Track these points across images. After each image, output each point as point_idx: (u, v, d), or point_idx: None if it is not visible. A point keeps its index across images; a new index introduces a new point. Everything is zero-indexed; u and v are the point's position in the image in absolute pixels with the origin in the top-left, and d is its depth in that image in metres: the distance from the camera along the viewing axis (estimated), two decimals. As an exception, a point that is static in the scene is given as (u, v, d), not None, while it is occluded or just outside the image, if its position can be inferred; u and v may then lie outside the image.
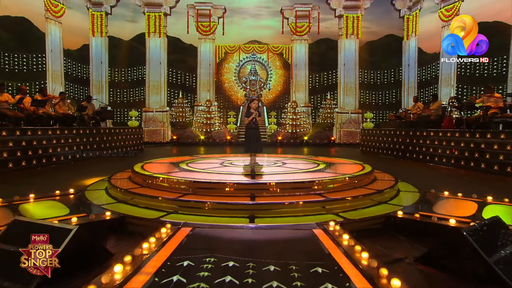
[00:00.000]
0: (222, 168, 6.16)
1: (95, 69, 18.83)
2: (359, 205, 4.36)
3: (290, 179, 4.87)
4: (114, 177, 5.86)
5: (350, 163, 7.05)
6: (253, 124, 6.21)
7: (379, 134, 13.25)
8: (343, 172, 5.67)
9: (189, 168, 5.94)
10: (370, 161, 10.03)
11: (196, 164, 6.73)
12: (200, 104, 20.00)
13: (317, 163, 6.73)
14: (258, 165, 6.38)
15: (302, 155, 10.81)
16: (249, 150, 6.31)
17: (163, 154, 13.18)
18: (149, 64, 19.24)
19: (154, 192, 4.60)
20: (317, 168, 6.11)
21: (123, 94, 19.89)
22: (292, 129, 19.47)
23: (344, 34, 19.43)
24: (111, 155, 11.66)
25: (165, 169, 6.11)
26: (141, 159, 10.00)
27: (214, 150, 14.72)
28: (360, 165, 6.35)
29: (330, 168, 6.19)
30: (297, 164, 6.79)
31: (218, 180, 4.72)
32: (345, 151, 15.39)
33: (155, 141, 18.78)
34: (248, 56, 20.95)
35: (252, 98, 6.43)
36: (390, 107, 19.52)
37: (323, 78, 20.74)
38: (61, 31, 16.25)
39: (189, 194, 4.48)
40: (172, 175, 5.18)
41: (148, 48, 19.19)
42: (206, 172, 5.61)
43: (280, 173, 5.58)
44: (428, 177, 7.75)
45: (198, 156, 8.22)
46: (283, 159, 7.61)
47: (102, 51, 18.95)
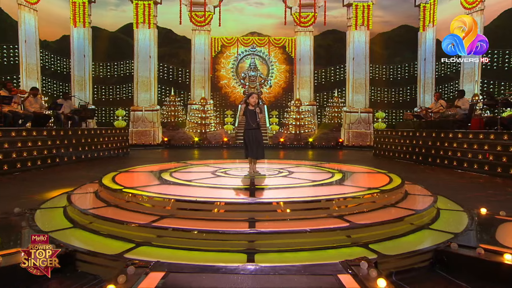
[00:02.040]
0: (214, 179, 5.26)
1: (77, 63, 18.29)
2: (394, 232, 3.46)
3: (300, 197, 3.96)
4: (78, 190, 4.96)
5: (371, 171, 6.15)
6: (252, 123, 5.46)
7: (395, 136, 12.52)
8: (366, 184, 4.77)
9: (173, 180, 5.03)
10: (386, 166, 9.45)
11: (183, 173, 5.84)
12: (194, 102, 19.67)
13: (330, 173, 5.84)
14: (258, 175, 5.52)
15: (310, 161, 10.03)
16: (249, 155, 5.53)
17: (151, 158, 12.57)
18: (137, 58, 18.70)
19: (122, 215, 3.70)
20: (332, 179, 5.21)
21: (109, 91, 19.50)
22: (295, 130, 19.10)
23: (353, 25, 18.81)
24: (91, 160, 10.89)
25: (143, 181, 5.20)
26: (124, 164, 9.34)
27: (209, 154, 14.41)
28: (384, 175, 5.45)
29: (348, 179, 5.29)
30: (306, 174, 5.91)
31: (205, 199, 3.81)
32: (355, 155, 14.76)
33: (144, 143, 18.28)
34: (247, 50, 20.65)
35: (250, 92, 5.56)
36: (404, 106, 19.06)
37: (330, 74, 20.43)
38: (36, 20, 15.58)
39: (167, 218, 3.58)
40: (148, 190, 4.27)
41: (136, 40, 18.63)
42: (193, 185, 4.71)
43: (286, 187, 4.68)
44: (462, 188, 6.86)
45: (187, 163, 7.33)
46: (288, 166, 6.72)
47: (85, 43, 18.37)
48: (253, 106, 5.48)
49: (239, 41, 20.28)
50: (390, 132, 13.09)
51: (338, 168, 6.40)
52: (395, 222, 3.56)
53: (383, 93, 19.82)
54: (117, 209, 3.97)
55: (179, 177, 5.26)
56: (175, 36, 19.89)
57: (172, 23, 19.36)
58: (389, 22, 19.19)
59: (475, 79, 14.26)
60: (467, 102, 10.73)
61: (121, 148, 13.33)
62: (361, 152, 15.94)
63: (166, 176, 5.34)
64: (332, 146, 18.43)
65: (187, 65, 19.97)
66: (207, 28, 19.59)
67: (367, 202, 3.96)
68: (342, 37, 19.65)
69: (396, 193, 4.38)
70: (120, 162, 10.94)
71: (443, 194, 5.20)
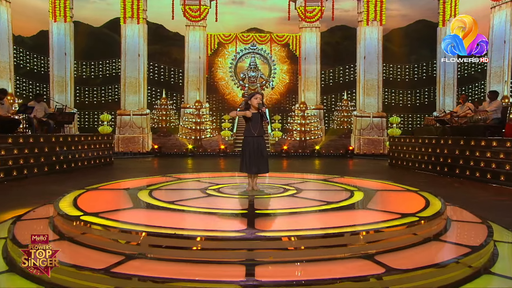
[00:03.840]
0: (205, 199, 4.54)
1: (57, 62, 17.75)
2: (446, 280, 2.70)
3: (315, 229, 3.21)
4: (31, 215, 4.21)
5: (398, 189, 5.41)
6: (255, 130, 4.86)
7: (415, 144, 11.93)
8: (397, 208, 4.01)
9: (152, 202, 4.29)
10: (407, 179, 9.04)
11: (166, 192, 5.14)
12: (187, 105, 19.29)
13: (347, 190, 5.11)
14: (259, 193, 4.81)
15: (319, 173, 9.42)
16: (248, 170, 4.86)
17: (137, 169, 12.03)
18: (125, 56, 18.23)
19: (75, 253, 2.94)
20: (352, 200, 4.48)
21: (93, 93, 19.17)
22: (300, 136, 18.69)
23: (364, 20, 18.35)
24: (67, 171, 10.20)
25: (113, 203, 4.45)
26: (104, 177, 8.79)
27: (203, 164, 13.92)
28: (416, 194, 4.73)
29: (372, 200, 4.54)
30: (317, 192, 5.22)
31: (188, 232, 3.05)
32: (368, 165, 14.14)
33: (131, 151, 17.77)
34: (247, 48, 20.39)
35: (253, 92, 4.94)
36: (421, 110, 18.77)
37: (339, 74, 20.19)
38: (9, 13, 15.04)
39: (135, 259, 2.83)
40: (116, 217, 3.53)
41: (123, 37, 18.16)
42: (175, 209, 3.97)
43: (295, 211, 3.94)
44: (506, 208, 6.10)
45: (173, 177, 6.62)
46: (294, 181, 6.02)
47: (66, 40, 17.84)
48: (256, 109, 4.86)
49: (238, 38, 19.95)
50: (408, 139, 12.50)
51: (356, 184, 5.67)
52: (448, 266, 2.78)
53: (397, 96, 19.55)
54: (72, 244, 3.21)
55: (160, 197, 4.54)
56: (167, 32, 19.72)
57: (163, 18, 19.10)
58: (405, 17, 18.98)
59: (505, 79, 13.61)
60: (499, 105, 10.01)
61: (105, 158, 12.73)
62: (374, 162, 15.37)
63: (144, 196, 4.60)
64: (341, 154, 18.03)
65: (180, 65, 19.67)
66: (203, 24, 19.26)
67: (404, 236, 3.20)
68: (352, 33, 19.29)
69: (438, 221, 3.61)
70: (100, 173, 10.29)
71: (486, 217, 4.42)
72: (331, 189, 5.44)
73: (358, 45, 18.72)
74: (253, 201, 4.33)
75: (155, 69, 19.54)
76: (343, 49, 19.89)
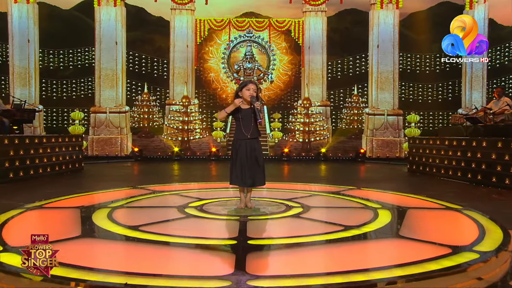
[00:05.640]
0: (181, 223, 3.94)
1: (18, 51, 17.43)
2: None
3: (330, 275, 2.48)
4: None
5: (434, 206, 4.82)
6: (247, 132, 4.41)
7: (440, 146, 11.37)
8: (441, 237, 3.33)
9: (107, 227, 3.58)
10: (431, 189, 8.78)
11: (132, 211, 4.55)
12: (173, 102, 18.98)
13: (369, 207, 4.51)
14: (254, 213, 4.27)
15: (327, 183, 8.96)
16: (240, 182, 4.42)
17: (111, 177, 11.43)
18: (99, 44, 17.87)
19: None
20: (377, 223, 3.83)
21: (62, 87, 18.90)
22: (303, 137, 18.41)
23: (378, 2, 18.06)
24: (24, 179, 9.53)
25: (52, 229, 3.71)
26: (69, 186, 8.31)
27: (191, 170, 13.67)
28: (460, 214, 4.08)
29: (404, 223, 3.89)
30: (329, 210, 4.65)
31: (144, 283, 2.31)
32: (383, 171, 13.73)
33: (108, 155, 17.42)
34: (242, 35, 20.14)
35: (245, 82, 4.71)
36: (444, 107, 18.63)
37: (348, 66, 20.02)
38: None
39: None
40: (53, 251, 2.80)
41: (98, 22, 17.80)
42: (135, 238, 3.29)
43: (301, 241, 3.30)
44: None
45: (147, 189, 5.98)
46: (299, 195, 5.51)
47: (29, 24, 17.45)
48: (249, 103, 4.38)
49: (232, 24, 19.76)
50: (432, 141, 12.01)
51: (378, 200, 5.02)
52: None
53: (416, 91, 19.40)
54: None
55: (121, 220, 3.91)
56: (149, 16, 19.68)
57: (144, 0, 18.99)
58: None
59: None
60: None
61: (73, 163, 12.07)
62: (389, 167, 14.92)
63: (101, 218, 3.97)
64: (351, 158, 17.73)
65: (164, 55, 19.46)
66: (191, 7, 19.04)
67: (465, 283, 2.47)
68: (363, 18, 19.04)
69: (505, 257, 2.90)
70: (64, 183, 9.70)
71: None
72: (347, 206, 4.89)
73: (371, 32, 18.50)
74: (246, 225, 3.73)
75: (135, 60, 19.35)
76: (353, 36, 19.83)
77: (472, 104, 15.16)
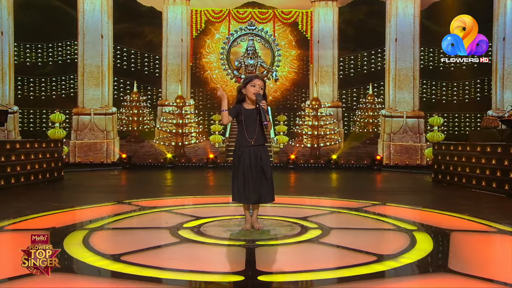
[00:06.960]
0: (173, 250, 3.64)
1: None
2: None
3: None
4: None
5: (484, 229, 4.43)
6: (250, 137, 4.23)
7: (470, 153, 11.12)
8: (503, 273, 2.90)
9: (80, 258, 3.23)
10: (463, 202, 8.59)
11: (114, 233, 4.24)
12: (166, 102, 18.92)
13: (403, 230, 4.14)
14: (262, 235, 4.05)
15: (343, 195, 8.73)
16: (244, 198, 4.21)
17: (95, 188, 11.27)
18: (83, 37, 17.82)
19: None
20: (416, 251, 3.51)
21: (41, 85, 18.70)
22: (312, 142, 18.32)
23: None
24: None
25: (11, 261, 3.31)
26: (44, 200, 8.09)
27: (185, 180, 13.53)
28: None
29: (451, 252, 3.49)
30: (353, 233, 4.34)
31: None
32: (404, 180, 13.58)
33: (92, 162, 17.27)
34: (243, 28, 19.87)
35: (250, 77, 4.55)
36: (472, 108, 18.49)
37: (362, 62, 19.77)
38: None
39: None
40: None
41: (81, 12, 17.74)
42: (116, 273, 2.97)
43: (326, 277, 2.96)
44: None
45: (133, 204, 5.64)
46: (314, 212, 5.25)
47: (3, 15, 17.29)
48: (253, 102, 4.17)
49: (232, 15, 19.66)
50: (461, 147, 11.77)
51: (412, 220, 4.66)
52: None
53: (439, 90, 19.22)
54: None
55: (99, 247, 3.59)
56: (139, 7, 19.31)
57: (134, -12, 19.23)
58: (449, -14, 18.93)
59: None
60: None
61: (51, 171, 11.82)
62: (411, 177, 14.78)
63: (75, 243, 3.67)
64: (366, 166, 17.67)
65: (156, 50, 19.39)
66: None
67: None
68: (379, 9, 18.94)
69: None
70: (39, 194, 9.43)
71: None
72: (374, 228, 4.64)
73: (388, 24, 18.48)
74: (254, 253, 3.42)
75: (123, 55, 19.25)
76: (368, 29, 19.54)
77: (506, 105, 14.92)
